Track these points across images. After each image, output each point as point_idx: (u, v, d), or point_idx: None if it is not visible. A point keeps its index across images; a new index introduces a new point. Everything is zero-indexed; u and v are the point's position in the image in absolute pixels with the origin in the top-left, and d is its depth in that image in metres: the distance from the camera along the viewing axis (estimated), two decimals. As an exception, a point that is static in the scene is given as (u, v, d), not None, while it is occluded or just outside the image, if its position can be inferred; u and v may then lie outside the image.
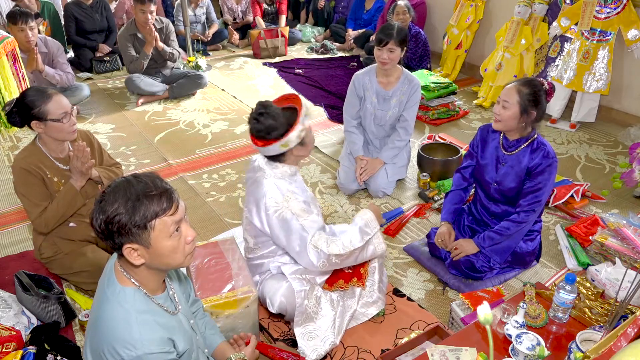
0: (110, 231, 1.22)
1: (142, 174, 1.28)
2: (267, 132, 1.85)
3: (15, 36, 3.71)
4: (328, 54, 6.03)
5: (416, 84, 3.07)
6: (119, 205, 1.21)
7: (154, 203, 1.23)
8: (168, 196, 1.26)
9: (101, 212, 1.22)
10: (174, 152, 3.70)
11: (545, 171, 2.21)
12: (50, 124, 2.07)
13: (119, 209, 1.20)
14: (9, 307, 2.06)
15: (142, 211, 1.21)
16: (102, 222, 1.22)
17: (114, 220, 1.20)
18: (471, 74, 5.25)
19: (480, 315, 1.30)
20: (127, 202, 1.21)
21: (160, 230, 1.24)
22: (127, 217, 1.20)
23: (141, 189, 1.23)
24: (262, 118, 1.85)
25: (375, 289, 2.14)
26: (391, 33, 2.85)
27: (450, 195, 2.53)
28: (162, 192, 1.25)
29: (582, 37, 3.84)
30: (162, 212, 1.24)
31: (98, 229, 1.24)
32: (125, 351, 1.24)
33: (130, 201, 1.21)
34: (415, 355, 1.86)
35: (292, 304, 1.97)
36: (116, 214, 1.20)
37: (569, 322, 1.76)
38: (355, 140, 3.21)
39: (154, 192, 1.24)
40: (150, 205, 1.22)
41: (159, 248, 1.26)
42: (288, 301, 1.98)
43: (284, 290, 1.99)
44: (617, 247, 2.45)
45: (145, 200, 1.22)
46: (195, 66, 5.10)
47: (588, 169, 3.48)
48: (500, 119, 2.20)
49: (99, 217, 1.22)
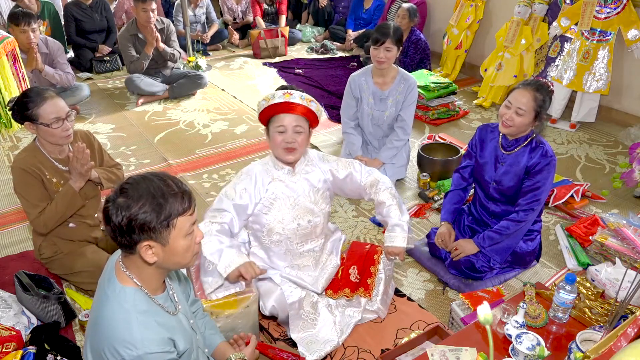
0: (132, 227, 1.22)
1: (157, 172, 1.30)
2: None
3: (17, 37, 3.71)
4: (328, 54, 6.03)
5: (412, 83, 3.06)
6: (145, 202, 1.22)
7: (177, 202, 1.26)
8: (188, 196, 1.29)
9: (124, 209, 1.21)
10: (174, 152, 3.70)
11: (544, 170, 2.21)
12: (41, 127, 2.06)
13: (145, 207, 1.21)
14: (9, 307, 2.06)
15: (167, 209, 1.23)
16: (124, 218, 1.21)
17: (138, 217, 1.21)
18: (471, 74, 5.25)
19: (480, 315, 1.30)
20: (153, 199, 1.22)
21: (179, 229, 1.27)
22: (154, 214, 1.22)
23: (164, 187, 1.25)
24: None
25: (377, 300, 2.14)
26: (387, 32, 2.85)
27: (450, 195, 2.53)
28: (183, 191, 1.28)
29: (582, 37, 3.84)
30: (183, 212, 1.27)
31: (117, 225, 1.22)
32: (126, 351, 1.24)
33: (156, 198, 1.22)
34: (415, 355, 1.86)
35: (285, 311, 1.98)
36: (142, 211, 1.21)
37: (569, 322, 1.76)
38: (353, 141, 3.21)
39: (176, 190, 1.26)
40: (174, 203, 1.25)
41: (175, 247, 1.28)
42: (280, 308, 1.99)
43: (277, 296, 2.00)
44: (617, 247, 2.45)
45: (171, 199, 1.24)
46: (195, 66, 5.10)
47: (588, 169, 3.48)
48: (513, 124, 2.17)
49: (120, 213, 1.21)
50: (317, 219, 2.06)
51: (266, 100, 1.91)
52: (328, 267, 2.14)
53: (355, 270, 2.13)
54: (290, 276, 2.07)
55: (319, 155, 2.14)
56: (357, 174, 2.13)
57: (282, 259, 2.10)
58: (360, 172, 2.14)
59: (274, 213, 2.01)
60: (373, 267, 2.12)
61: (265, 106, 1.90)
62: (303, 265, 2.11)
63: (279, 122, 1.91)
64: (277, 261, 2.11)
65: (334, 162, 2.14)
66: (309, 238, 2.09)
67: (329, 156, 2.17)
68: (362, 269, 2.13)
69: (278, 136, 1.92)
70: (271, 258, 2.11)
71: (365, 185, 2.14)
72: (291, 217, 2.01)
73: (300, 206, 2.03)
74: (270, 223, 2.01)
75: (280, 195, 2.01)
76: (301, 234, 2.05)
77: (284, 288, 1.99)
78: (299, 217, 2.02)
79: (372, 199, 2.16)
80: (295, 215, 2.02)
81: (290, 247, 2.07)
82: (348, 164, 2.14)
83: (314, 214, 2.05)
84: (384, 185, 2.14)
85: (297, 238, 2.06)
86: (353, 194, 2.22)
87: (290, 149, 1.93)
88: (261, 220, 2.02)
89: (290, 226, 2.02)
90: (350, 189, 2.17)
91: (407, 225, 2.09)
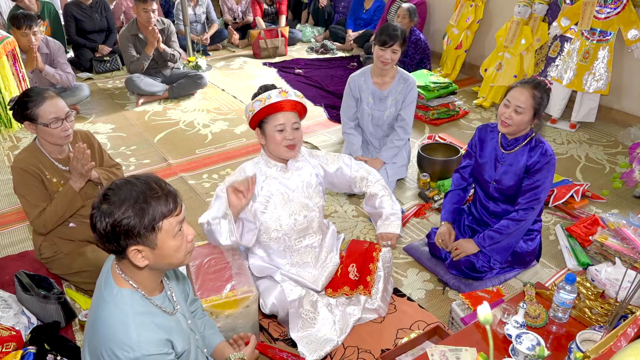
0: (117, 234, 1.21)
1: (141, 175, 1.28)
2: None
3: (18, 40, 3.71)
4: (328, 54, 6.03)
5: (412, 82, 3.07)
6: (127, 207, 1.20)
7: (161, 204, 1.23)
8: (173, 197, 1.27)
9: (107, 215, 1.20)
10: (174, 152, 3.70)
11: (543, 169, 2.21)
12: (40, 127, 2.06)
13: (127, 212, 1.19)
14: (9, 307, 2.06)
15: (150, 213, 1.21)
16: (108, 224, 1.20)
17: (122, 223, 1.19)
18: (471, 74, 5.25)
19: (480, 315, 1.29)
20: (135, 203, 1.20)
21: (166, 231, 1.25)
22: (137, 219, 1.20)
23: (147, 191, 1.23)
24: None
25: (377, 298, 2.14)
26: (396, 34, 2.85)
27: (450, 195, 2.53)
28: (167, 193, 1.26)
29: (582, 37, 3.84)
30: (168, 213, 1.25)
31: (102, 232, 1.21)
32: (124, 353, 1.23)
33: (138, 203, 1.21)
34: (415, 355, 1.86)
35: (285, 308, 1.98)
36: (125, 216, 1.19)
37: (569, 322, 1.76)
38: (353, 141, 3.22)
39: (159, 193, 1.24)
40: (157, 206, 1.23)
41: (164, 248, 1.27)
42: (280, 305, 2.00)
43: (277, 293, 2.01)
44: (617, 247, 2.45)
45: (153, 202, 1.22)
46: (195, 66, 5.10)
47: (588, 169, 3.48)
48: (512, 123, 2.18)
49: (104, 220, 1.20)
50: (313, 213, 2.11)
51: (261, 101, 1.90)
52: (328, 265, 2.15)
53: (354, 268, 2.14)
54: (291, 274, 2.08)
55: (307, 151, 2.19)
56: (347, 167, 2.20)
57: (282, 257, 2.12)
58: (349, 165, 2.21)
59: (270, 211, 2.04)
60: (372, 264, 2.12)
61: (261, 107, 1.90)
62: (303, 262, 2.13)
63: (278, 121, 1.92)
64: (277, 259, 2.12)
65: (323, 156, 2.20)
66: (306, 233, 2.13)
67: (317, 151, 2.23)
68: (361, 267, 2.14)
69: (278, 135, 1.93)
70: (271, 256, 2.11)
71: (356, 178, 2.21)
72: (287, 213, 2.05)
73: (295, 202, 2.07)
74: (268, 221, 2.04)
75: (274, 192, 2.04)
76: (299, 229, 2.09)
77: (284, 286, 2.00)
78: (295, 212, 2.06)
79: (363, 191, 2.23)
80: (291, 211, 2.06)
81: (289, 244, 2.10)
82: (337, 158, 2.21)
83: (309, 209, 2.09)
84: (375, 178, 2.22)
85: (295, 234, 2.09)
86: (343, 187, 2.28)
87: (292, 146, 1.97)
88: (259, 219, 2.03)
89: (288, 222, 2.05)
90: (341, 182, 2.23)
91: (400, 214, 2.19)
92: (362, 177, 2.22)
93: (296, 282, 2.05)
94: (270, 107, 1.90)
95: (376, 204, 2.20)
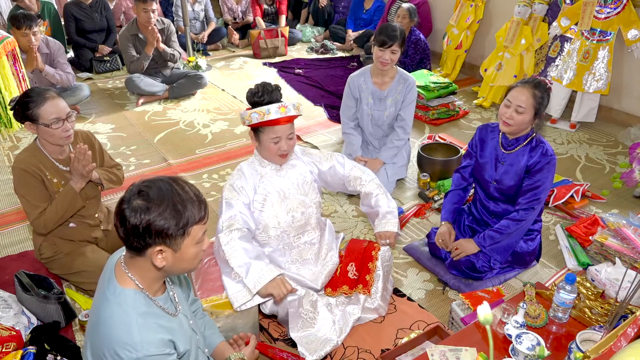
0: (149, 232, 1.21)
1: (174, 177, 1.30)
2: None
3: (18, 40, 3.71)
4: (328, 54, 6.03)
5: (411, 82, 3.07)
6: (166, 207, 1.21)
7: (195, 210, 1.26)
8: (204, 205, 1.30)
9: (143, 212, 1.20)
10: (174, 152, 3.70)
11: (544, 169, 2.21)
12: (41, 127, 2.06)
13: (166, 212, 1.21)
14: (9, 307, 2.06)
15: (186, 217, 1.23)
16: (143, 221, 1.20)
17: (157, 222, 1.20)
18: (471, 74, 5.25)
19: (480, 315, 1.30)
20: (174, 205, 1.22)
21: (192, 237, 1.28)
22: (174, 221, 1.22)
23: (184, 194, 1.25)
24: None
25: (377, 297, 2.15)
26: (395, 35, 2.85)
27: (450, 195, 2.53)
28: (200, 200, 1.28)
29: (582, 37, 3.84)
30: (199, 220, 1.27)
31: (133, 227, 1.20)
32: (126, 353, 1.23)
33: (176, 205, 1.22)
34: (415, 355, 1.86)
35: (284, 308, 1.98)
36: (162, 217, 1.20)
37: (569, 322, 1.76)
38: (353, 141, 3.22)
39: (194, 199, 1.27)
40: (192, 212, 1.25)
41: (185, 253, 1.28)
42: (280, 305, 2.00)
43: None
44: (617, 247, 2.45)
45: (189, 207, 1.24)
46: (195, 66, 5.10)
47: (588, 169, 3.48)
48: (513, 123, 2.18)
49: (140, 216, 1.20)
50: (310, 209, 2.12)
51: (259, 114, 1.88)
52: (329, 263, 2.15)
53: (353, 267, 2.14)
54: (291, 273, 2.08)
55: (300, 149, 2.20)
56: (340, 166, 2.21)
57: (282, 255, 2.12)
58: (343, 164, 2.22)
59: (267, 209, 2.04)
60: (371, 263, 2.12)
61: (259, 121, 1.90)
62: (304, 259, 2.14)
63: (274, 134, 1.93)
64: (277, 258, 2.12)
65: (316, 154, 2.21)
66: (305, 230, 2.14)
67: (310, 149, 2.24)
68: (360, 266, 2.14)
69: (273, 146, 1.96)
70: (271, 255, 2.11)
71: (349, 177, 2.22)
72: (285, 211, 2.07)
73: (292, 199, 2.08)
74: (266, 220, 2.05)
75: (270, 190, 2.05)
76: (297, 226, 2.11)
77: None
78: (292, 209, 2.08)
79: (357, 190, 2.23)
80: (288, 208, 2.07)
81: (288, 241, 2.11)
82: (330, 156, 2.22)
83: (305, 205, 2.11)
84: (369, 177, 2.22)
85: (294, 230, 2.11)
86: (337, 186, 2.28)
87: (285, 155, 2.01)
88: (257, 219, 2.04)
89: (285, 219, 2.07)
90: (334, 181, 2.24)
91: (396, 212, 2.18)
92: (356, 176, 2.22)
93: (296, 282, 2.05)
94: (268, 122, 1.91)
95: (372, 202, 2.20)
